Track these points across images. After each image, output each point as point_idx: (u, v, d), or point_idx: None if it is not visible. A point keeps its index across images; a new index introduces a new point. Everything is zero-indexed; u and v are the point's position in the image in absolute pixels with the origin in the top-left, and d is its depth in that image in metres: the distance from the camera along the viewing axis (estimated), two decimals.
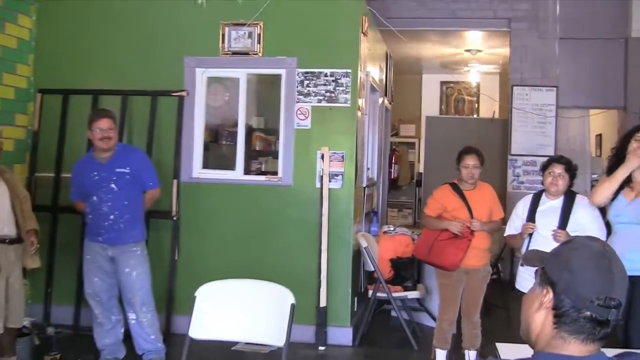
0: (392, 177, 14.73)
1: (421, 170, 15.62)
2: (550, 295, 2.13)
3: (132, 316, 6.96)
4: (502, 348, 4.06)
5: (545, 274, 2.18)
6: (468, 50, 13.85)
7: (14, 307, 6.26)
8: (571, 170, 6.15)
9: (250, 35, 8.17)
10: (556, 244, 5.42)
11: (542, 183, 6.27)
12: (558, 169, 6.10)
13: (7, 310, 6.17)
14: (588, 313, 2.06)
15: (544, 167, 6.23)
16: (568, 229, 5.88)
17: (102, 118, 6.75)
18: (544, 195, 6.25)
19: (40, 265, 6.86)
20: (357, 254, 8.42)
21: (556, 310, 2.11)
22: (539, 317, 2.17)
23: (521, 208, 6.39)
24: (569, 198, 6.13)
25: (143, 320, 6.93)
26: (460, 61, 15.08)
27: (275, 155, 9.11)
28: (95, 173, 6.79)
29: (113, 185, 6.77)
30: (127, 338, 7.10)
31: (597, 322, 2.07)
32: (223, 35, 8.21)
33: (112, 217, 6.78)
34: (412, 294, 8.51)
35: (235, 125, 8.71)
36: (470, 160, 6.83)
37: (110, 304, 7.00)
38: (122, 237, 6.82)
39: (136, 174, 6.90)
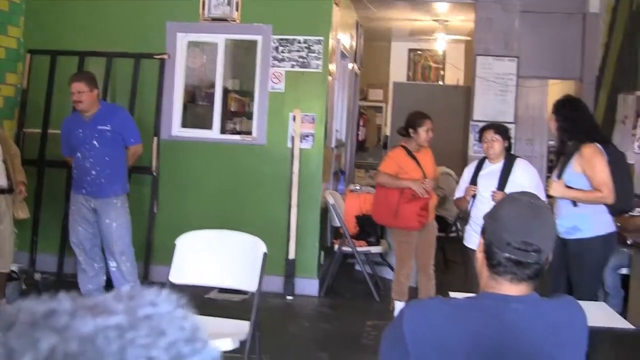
0: (360, 139, 15.13)
1: (388, 133, 15.92)
2: (482, 240, 2.49)
3: (112, 264, 7.29)
4: (456, 296, 4.44)
5: (483, 226, 2.52)
6: (436, 20, 14.16)
7: (3, 253, 6.66)
8: (502, 132, 6.47)
9: (229, 3, 8.50)
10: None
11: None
12: (489, 134, 6.43)
13: None
14: (506, 254, 2.33)
15: (480, 137, 6.64)
16: (507, 189, 6.18)
17: (72, 82, 7.07)
18: (486, 161, 6.60)
19: (29, 216, 7.23)
20: (325, 211, 8.81)
21: (485, 254, 2.42)
22: (479, 261, 2.50)
23: (466, 173, 6.78)
24: (509, 161, 6.46)
25: (123, 268, 7.26)
26: (428, 30, 15.24)
27: (249, 116, 9.47)
28: (80, 130, 7.12)
29: (95, 142, 7.08)
30: (109, 285, 7.44)
31: (516, 263, 2.33)
32: (203, 2, 8.53)
33: (93, 172, 7.10)
34: (375, 249, 8.90)
35: (212, 86, 9.06)
36: (429, 124, 7.29)
37: (93, 252, 7.33)
38: (103, 190, 7.15)
39: (117, 131, 7.20)
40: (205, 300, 7.80)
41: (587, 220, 5.75)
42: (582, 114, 6.08)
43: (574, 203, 5.77)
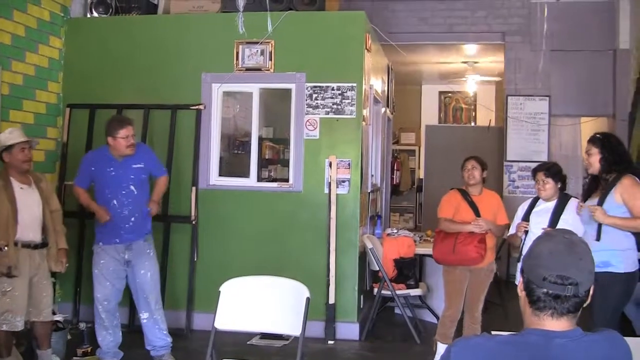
0: (394, 183, 15.17)
1: (421, 176, 15.89)
2: (521, 279, 2.55)
3: (144, 315, 7.21)
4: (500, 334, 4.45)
5: (521, 264, 2.63)
6: (465, 62, 14.26)
7: (38, 304, 6.67)
8: (552, 173, 6.61)
9: (262, 53, 8.64)
10: None
11: None
12: (540, 176, 6.61)
13: (33, 306, 6.59)
14: (545, 289, 2.43)
15: (533, 177, 6.77)
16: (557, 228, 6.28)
17: (127, 125, 7.02)
18: (540, 199, 6.76)
19: (65, 271, 7.11)
20: (363, 255, 8.83)
21: (525, 292, 2.51)
22: (521, 299, 2.58)
23: (520, 210, 6.90)
24: (562, 200, 6.60)
25: (157, 317, 7.22)
26: (458, 72, 15.40)
27: (283, 163, 9.60)
28: (112, 169, 7.06)
29: (132, 188, 7.09)
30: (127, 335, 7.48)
31: (555, 297, 2.42)
32: (237, 52, 8.67)
33: (133, 219, 7.10)
34: (415, 292, 8.88)
35: (246, 135, 9.20)
36: (469, 164, 7.33)
37: (115, 308, 7.19)
38: (137, 233, 7.13)
39: (148, 166, 7.25)
40: (248, 347, 7.87)
41: (618, 257, 5.84)
42: (624, 147, 6.21)
43: (598, 237, 5.84)
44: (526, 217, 6.73)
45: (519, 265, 6.59)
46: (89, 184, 7.27)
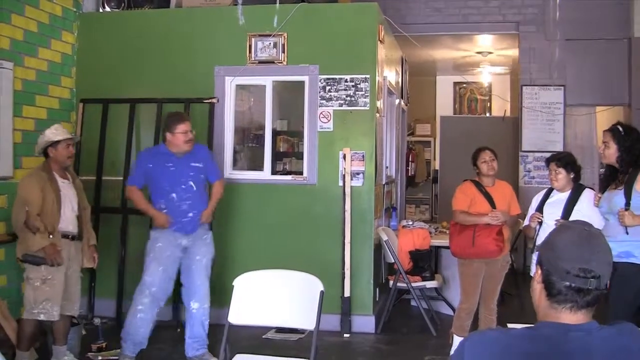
0: (410, 174, 15.11)
1: (437, 167, 15.86)
2: (540, 271, 2.51)
3: (194, 305, 7.09)
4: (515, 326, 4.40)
5: (538, 256, 2.56)
6: (479, 53, 14.19)
7: (71, 297, 6.77)
8: (565, 165, 6.54)
9: (275, 45, 8.61)
10: None
11: None
12: (553, 166, 6.55)
13: (66, 299, 6.66)
14: (567, 283, 2.36)
15: (547, 168, 6.71)
16: (571, 219, 6.17)
17: (184, 121, 6.99)
18: (555, 189, 6.70)
19: (96, 266, 7.19)
20: (378, 247, 8.81)
21: (544, 284, 2.48)
22: (536, 291, 2.53)
23: (534, 201, 6.84)
24: (576, 191, 6.53)
25: (206, 307, 7.14)
26: (472, 63, 15.33)
27: (297, 156, 9.55)
28: (171, 164, 7.00)
29: (191, 184, 7.04)
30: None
31: (577, 291, 2.36)
32: (250, 45, 8.65)
33: (190, 214, 7.03)
34: (430, 284, 8.86)
35: (260, 128, 9.16)
36: (486, 155, 7.26)
37: (159, 296, 6.99)
38: (195, 228, 7.09)
39: (206, 167, 7.20)
40: (264, 341, 7.87)
41: None
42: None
43: (627, 231, 5.75)
44: (540, 208, 6.68)
45: (534, 256, 6.56)
46: (143, 183, 7.21)
